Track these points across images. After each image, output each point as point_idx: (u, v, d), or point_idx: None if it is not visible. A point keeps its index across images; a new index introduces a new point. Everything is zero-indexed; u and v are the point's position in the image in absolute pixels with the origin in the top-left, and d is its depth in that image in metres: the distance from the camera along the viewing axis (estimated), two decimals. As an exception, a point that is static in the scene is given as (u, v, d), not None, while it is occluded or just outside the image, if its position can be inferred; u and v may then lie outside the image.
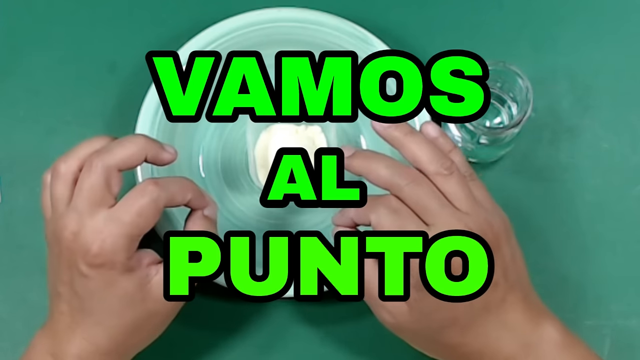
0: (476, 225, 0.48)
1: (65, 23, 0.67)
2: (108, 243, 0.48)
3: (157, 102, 0.62)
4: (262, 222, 0.63)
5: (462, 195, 0.49)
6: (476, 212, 0.49)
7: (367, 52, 0.63)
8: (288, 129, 0.64)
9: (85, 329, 0.50)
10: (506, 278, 0.49)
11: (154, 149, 0.51)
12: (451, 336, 0.50)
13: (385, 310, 0.50)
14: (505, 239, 0.50)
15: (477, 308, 0.49)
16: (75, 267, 0.49)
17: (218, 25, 0.63)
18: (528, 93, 0.59)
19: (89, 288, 0.49)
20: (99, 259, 0.48)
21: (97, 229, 0.48)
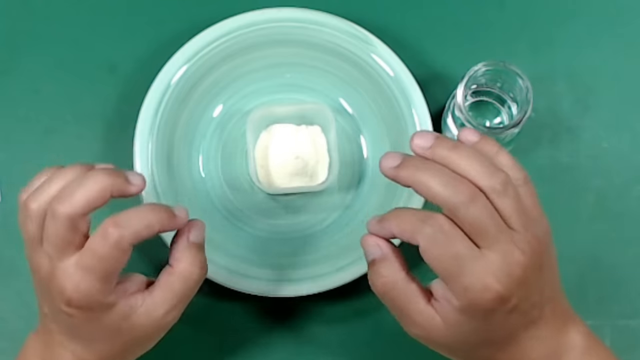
0: (527, 246, 0.45)
1: (65, 23, 0.67)
2: (82, 288, 0.47)
3: (157, 102, 0.62)
4: (262, 222, 0.63)
5: (516, 212, 0.46)
6: (526, 228, 0.46)
7: (367, 52, 0.63)
8: (288, 129, 0.64)
9: (74, 349, 0.50)
10: (543, 294, 0.48)
11: (118, 186, 0.47)
12: (489, 353, 0.48)
13: (416, 326, 0.48)
14: (547, 252, 0.48)
15: (518, 328, 0.47)
16: (55, 303, 0.48)
17: (218, 25, 0.63)
18: (528, 93, 0.59)
19: (72, 322, 0.48)
20: (76, 302, 0.47)
21: (68, 274, 0.47)
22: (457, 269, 0.44)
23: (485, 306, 0.45)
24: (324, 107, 0.62)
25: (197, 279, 0.50)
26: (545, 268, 0.47)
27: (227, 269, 0.59)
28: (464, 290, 0.45)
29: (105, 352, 0.50)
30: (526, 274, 0.45)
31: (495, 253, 0.44)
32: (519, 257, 0.45)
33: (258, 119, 0.62)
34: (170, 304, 0.50)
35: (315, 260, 0.61)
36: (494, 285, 0.44)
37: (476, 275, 0.44)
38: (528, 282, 0.46)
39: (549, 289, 0.48)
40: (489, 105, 0.65)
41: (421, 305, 0.47)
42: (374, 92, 0.64)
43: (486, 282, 0.44)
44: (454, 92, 0.61)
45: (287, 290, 0.60)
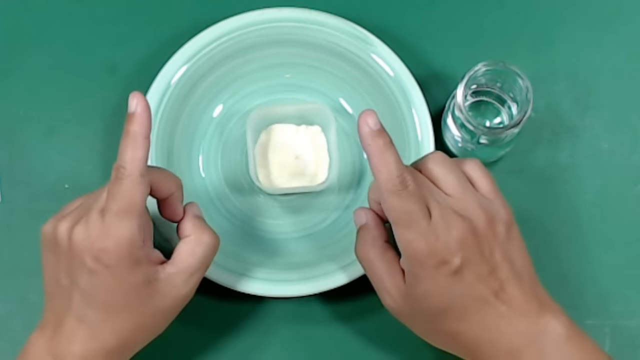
0: (467, 212, 0.49)
1: (65, 23, 0.67)
2: (112, 234, 0.48)
3: (157, 102, 0.62)
4: (262, 222, 0.63)
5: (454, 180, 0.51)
6: (468, 198, 0.50)
7: (367, 52, 0.63)
8: (288, 129, 0.64)
9: (90, 326, 0.50)
10: (505, 269, 0.50)
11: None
12: (447, 324, 0.50)
13: (388, 293, 0.52)
14: (505, 228, 0.51)
15: (470, 296, 0.49)
16: (81, 262, 0.49)
17: (218, 25, 0.63)
18: (528, 93, 0.59)
19: (96, 283, 0.49)
20: (107, 253, 0.48)
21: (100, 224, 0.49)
22: (407, 223, 0.48)
23: (425, 261, 0.48)
24: (324, 107, 0.62)
25: (212, 243, 0.53)
26: (498, 244, 0.50)
27: (227, 268, 0.59)
28: (408, 244, 0.48)
29: (120, 327, 0.51)
30: (464, 236, 0.48)
31: (436, 213, 0.49)
32: (455, 219, 0.49)
33: (258, 119, 0.62)
34: (191, 270, 0.52)
35: (315, 260, 0.61)
36: (433, 244, 0.48)
37: (421, 231, 0.48)
38: (470, 246, 0.49)
39: (509, 267, 0.50)
40: (489, 105, 0.65)
41: (392, 271, 0.52)
42: (374, 92, 0.64)
43: (427, 237, 0.48)
44: (454, 92, 0.61)
45: (287, 290, 0.60)
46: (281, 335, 0.62)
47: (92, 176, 0.64)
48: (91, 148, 0.65)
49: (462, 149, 0.63)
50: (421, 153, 0.62)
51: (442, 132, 0.65)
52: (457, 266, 0.48)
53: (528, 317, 0.49)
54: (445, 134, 0.64)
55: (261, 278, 0.60)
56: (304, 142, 0.63)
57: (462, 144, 0.63)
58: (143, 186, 0.48)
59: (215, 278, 0.59)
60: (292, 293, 0.60)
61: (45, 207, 0.62)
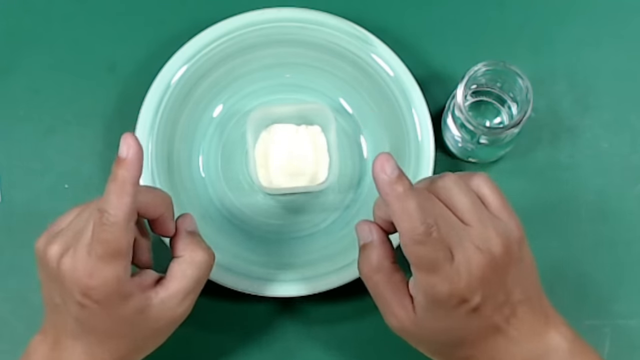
0: (485, 244, 0.47)
1: (65, 23, 0.67)
2: (95, 275, 0.47)
3: (157, 102, 0.62)
4: (262, 222, 0.63)
5: (469, 205, 0.48)
6: (485, 224, 0.48)
7: (367, 52, 0.63)
8: (288, 129, 0.64)
9: (87, 346, 0.50)
10: (512, 295, 0.48)
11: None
12: (459, 351, 0.49)
13: (393, 316, 0.50)
14: (515, 251, 0.49)
15: (486, 326, 0.48)
16: (71, 294, 0.48)
17: (218, 25, 0.63)
18: (528, 93, 0.59)
19: (87, 314, 0.48)
20: (93, 292, 0.47)
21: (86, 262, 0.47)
22: (431, 269, 0.46)
23: (446, 302, 0.47)
24: (324, 107, 0.62)
25: (206, 262, 0.51)
26: (513, 269, 0.48)
27: (227, 269, 0.59)
28: (431, 288, 0.46)
29: (117, 349, 0.50)
30: (485, 272, 0.47)
31: (459, 254, 0.46)
32: (477, 255, 0.47)
33: (258, 119, 0.62)
34: (185, 292, 0.51)
35: (315, 260, 0.61)
36: (457, 286, 0.46)
37: (445, 276, 0.46)
38: (490, 281, 0.47)
39: (521, 289, 0.49)
40: (489, 105, 0.65)
41: (400, 296, 0.49)
42: (374, 92, 0.64)
43: (452, 282, 0.46)
44: (454, 92, 0.61)
45: (287, 290, 0.60)
46: (281, 335, 0.62)
47: (92, 176, 0.64)
48: (91, 148, 0.65)
49: (462, 149, 0.63)
50: (421, 153, 0.62)
51: (442, 132, 0.65)
52: (477, 303, 0.47)
53: (535, 337, 0.49)
54: (445, 134, 0.64)
55: (261, 278, 0.60)
56: (304, 142, 0.63)
57: (462, 144, 0.63)
58: (128, 231, 0.47)
59: (215, 278, 0.59)
60: (292, 293, 0.60)
61: (45, 207, 0.63)
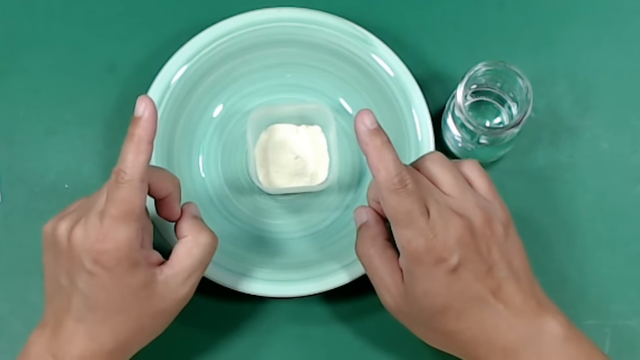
0: (465, 211, 0.50)
1: (65, 23, 0.67)
2: (109, 237, 0.48)
3: (157, 102, 0.62)
4: (262, 222, 0.63)
5: (454, 182, 0.51)
6: (467, 198, 0.51)
7: (367, 52, 0.63)
8: (288, 129, 0.64)
9: (89, 327, 0.50)
10: (502, 268, 0.50)
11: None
12: (445, 322, 0.50)
13: (387, 291, 0.52)
14: (504, 228, 0.51)
15: (468, 294, 0.49)
16: (80, 264, 0.49)
17: (218, 25, 0.63)
18: (528, 93, 0.59)
19: (95, 284, 0.49)
20: (104, 254, 0.48)
21: (99, 227, 0.48)
22: (407, 221, 0.48)
23: (423, 259, 0.48)
24: (324, 107, 0.62)
25: (210, 243, 0.53)
26: (495, 242, 0.50)
27: (227, 268, 0.59)
28: (407, 243, 0.48)
29: (120, 329, 0.51)
30: (463, 235, 0.49)
31: (434, 212, 0.49)
32: (454, 217, 0.49)
33: (258, 119, 0.62)
34: (189, 271, 0.52)
35: (315, 260, 0.61)
36: (431, 241, 0.48)
37: (419, 229, 0.48)
38: (468, 245, 0.49)
39: (506, 266, 0.50)
40: (489, 105, 0.65)
41: (392, 268, 0.52)
42: (374, 92, 0.64)
43: (425, 235, 0.48)
44: (454, 92, 0.61)
45: (288, 290, 0.60)
46: (281, 335, 0.62)
47: (92, 176, 0.64)
48: (91, 148, 0.65)
49: (462, 149, 0.63)
50: (421, 153, 0.62)
51: (442, 132, 0.65)
52: (455, 264, 0.48)
53: (525, 317, 0.50)
54: (445, 134, 0.64)
55: (261, 278, 0.60)
56: (304, 142, 0.63)
57: (462, 144, 0.63)
58: (142, 191, 0.48)
59: (215, 278, 0.59)
60: (292, 293, 0.60)
61: (45, 207, 0.63)
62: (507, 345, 0.49)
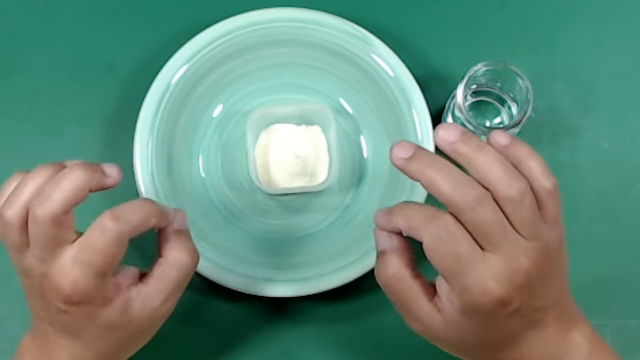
0: (535, 254, 0.45)
1: (65, 23, 0.67)
2: (80, 283, 0.46)
3: (157, 102, 0.62)
4: (262, 222, 0.63)
5: (530, 222, 0.45)
6: (539, 237, 0.45)
7: (367, 52, 0.63)
8: (288, 129, 0.64)
9: (72, 349, 0.49)
10: (547, 299, 0.47)
11: (95, 179, 0.47)
12: (485, 353, 0.49)
13: (417, 321, 0.48)
14: (556, 258, 0.47)
15: (518, 331, 0.47)
16: (52, 303, 0.48)
17: (218, 25, 0.63)
18: (528, 93, 0.59)
19: (70, 321, 0.48)
20: (75, 299, 0.47)
21: (65, 271, 0.46)
22: (458, 268, 0.44)
23: (484, 308, 0.45)
24: (324, 107, 0.62)
25: (189, 264, 0.50)
26: (552, 275, 0.47)
27: (227, 269, 0.59)
28: (464, 290, 0.45)
29: (103, 350, 0.50)
30: (529, 280, 0.45)
31: (499, 257, 0.44)
32: (523, 263, 0.45)
33: (258, 119, 0.62)
34: (166, 294, 0.50)
35: (315, 260, 0.61)
36: (494, 288, 0.44)
37: (477, 276, 0.44)
38: (531, 287, 0.45)
39: (555, 294, 0.48)
40: (489, 105, 0.65)
41: (423, 302, 0.47)
42: (374, 92, 0.64)
43: (486, 284, 0.44)
44: (454, 92, 0.61)
45: (288, 290, 0.60)
46: (281, 335, 0.62)
47: (92, 176, 0.64)
48: (91, 148, 0.65)
49: (462, 149, 0.63)
50: (421, 153, 0.62)
51: (442, 132, 0.65)
52: (515, 309, 0.46)
53: (558, 336, 0.48)
54: (445, 134, 0.64)
55: (261, 278, 0.60)
56: (304, 142, 0.63)
57: (462, 144, 0.63)
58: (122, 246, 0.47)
59: (215, 278, 0.59)
60: (292, 293, 0.60)
61: (45, 207, 0.62)
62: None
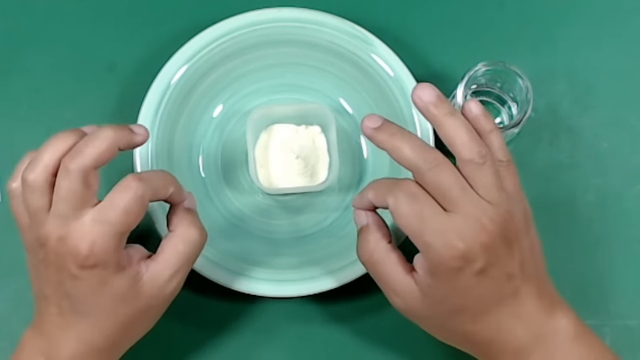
0: (498, 217, 0.47)
1: (65, 23, 0.68)
2: (98, 244, 0.47)
3: (157, 102, 0.62)
4: (262, 222, 0.63)
5: (491, 185, 0.48)
6: (500, 202, 0.48)
7: (367, 52, 0.63)
8: (288, 129, 0.64)
9: (78, 329, 0.50)
10: (522, 270, 0.49)
11: (124, 138, 0.50)
12: (462, 323, 0.50)
13: (397, 295, 0.50)
14: (525, 230, 0.50)
15: (489, 298, 0.48)
16: (65, 269, 0.48)
17: (218, 25, 0.63)
18: (528, 93, 0.59)
19: (81, 289, 0.49)
20: (91, 260, 0.48)
21: (85, 231, 0.47)
22: (421, 226, 0.47)
23: (448, 264, 0.47)
24: (324, 107, 0.62)
25: (197, 240, 0.52)
26: (523, 245, 0.49)
27: (227, 269, 0.59)
28: (428, 247, 0.47)
29: (109, 328, 0.50)
30: (493, 241, 0.47)
31: (460, 215, 0.47)
32: (485, 222, 0.47)
33: (258, 119, 0.62)
34: (175, 268, 0.51)
35: (315, 260, 0.61)
36: (456, 243, 0.46)
37: (439, 232, 0.47)
38: (496, 250, 0.47)
39: (531, 267, 0.49)
40: (489, 105, 0.65)
41: (400, 273, 0.50)
42: (374, 92, 0.64)
43: (448, 239, 0.46)
44: (454, 92, 0.61)
45: (288, 290, 0.60)
46: (281, 335, 0.62)
47: (92, 176, 0.64)
48: (91, 148, 0.65)
49: (462, 149, 0.63)
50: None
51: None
52: (481, 268, 0.47)
53: (539, 317, 0.49)
54: (445, 134, 0.64)
55: (261, 278, 0.60)
56: (304, 142, 0.63)
57: (462, 144, 0.63)
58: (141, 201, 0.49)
59: (214, 278, 0.59)
60: (292, 293, 0.60)
61: (45, 207, 0.62)
62: (519, 345, 0.49)
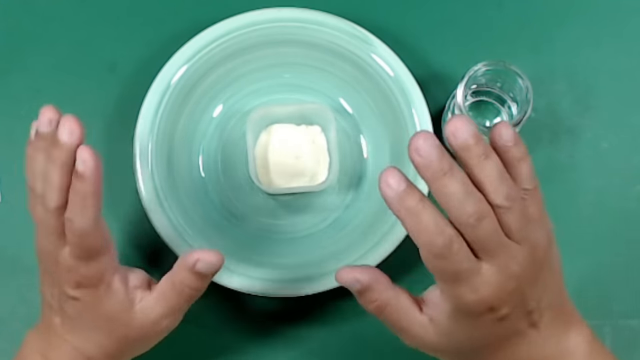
0: (524, 258, 0.46)
1: (65, 23, 0.68)
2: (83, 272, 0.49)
3: (157, 102, 0.62)
4: (261, 222, 0.63)
5: (519, 227, 0.45)
6: (527, 237, 0.46)
7: (367, 52, 0.63)
8: (288, 129, 0.64)
9: (75, 341, 0.50)
10: (542, 300, 0.47)
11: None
12: (480, 357, 0.49)
13: (413, 338, 0.49)
14: (548, 257, 0.48)
15: (509, 335, 0.47)
16: (63, 288, 0.49)
17: (218, 25, 0.63)
18: (528, 93, 0.59)
19: (77, 309, 0.49)
20: (84, 280, 0.49)
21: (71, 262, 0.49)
22: (456, 280, 0.45)
23: (473, 310, 0.45)
24: (324, 107, 0.62)
25: (189, 295, 0.51)
26: (542, 276, 0.47)
27: (228, 269, 0.59)
28: (456, 297, 0.45)
29: (104, 345, 0.51)
30: (520, 284, 0.45)
31: (492, 265, 0.45)
32: (514, 269, 0.45)
33: (258, 119, 0.62)
34: (164, 311, 0.51)
35: (315, 260, 0.61)
36: (485, 294, 0.45)
37: (471, 285, 0.45)
38: (522, 291, 0.46)
39: (549, 295, 0.48)
40: (489, 105, 0.65)
41: (415, 315, 0.48)
42: (374, 92, 0.64)
43: (479, 291, 0.45)
44: (454, 92, 0.61)
45: (287, 290, 0.60)
46: (280, 335, 0.62)
47: (92, 176, 0.64)
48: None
49: (462, 149, 0.63)
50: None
51: (442, 132, 0.65)
52: (504, 314, 0.46)
53: (554, 338, 0.48)
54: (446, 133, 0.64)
55: (261, 278, 0.60)
56: (304, 142, 0.63)
57: (462, 144, 0.63)
58: (97, 231, 0.48)
59: (214, 278, 0.59)
60: (292, 293, 0.60)
61: (45, 207, 0.63)
62: None
